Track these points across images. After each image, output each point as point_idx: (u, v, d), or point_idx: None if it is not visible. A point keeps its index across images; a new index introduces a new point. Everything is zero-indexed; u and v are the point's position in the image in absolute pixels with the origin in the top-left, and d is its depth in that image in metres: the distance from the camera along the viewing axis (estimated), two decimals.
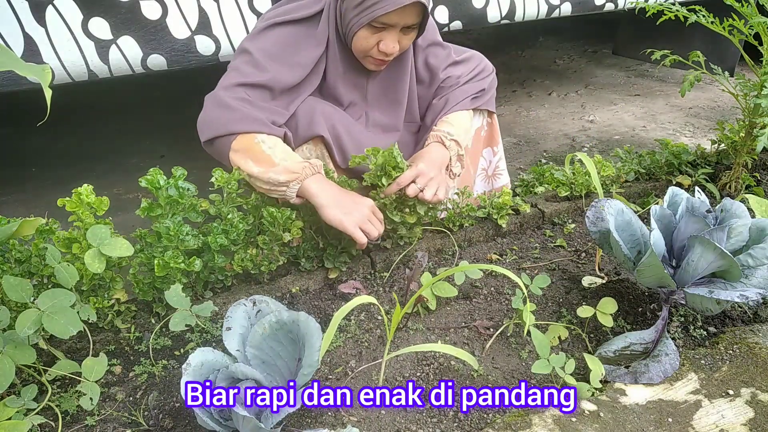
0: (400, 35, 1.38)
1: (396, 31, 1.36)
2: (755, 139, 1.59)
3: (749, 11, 1.59)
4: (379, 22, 1.33)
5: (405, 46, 1.42)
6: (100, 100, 3.49)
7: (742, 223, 1.19)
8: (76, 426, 1.03)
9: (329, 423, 1.03)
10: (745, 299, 1.08)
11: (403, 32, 1.38)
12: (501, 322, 1.29)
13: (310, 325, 0.99)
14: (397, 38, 1.38)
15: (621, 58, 4.11)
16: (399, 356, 1.17)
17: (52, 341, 1.14)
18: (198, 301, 1.28)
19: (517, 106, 3.28)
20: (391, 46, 1.37)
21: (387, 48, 1.37)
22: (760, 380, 1.09)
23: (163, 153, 2.70)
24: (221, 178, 1.31)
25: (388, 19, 1.32)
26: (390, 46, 1.36)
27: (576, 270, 1.48)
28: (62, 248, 1.16)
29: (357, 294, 1.32)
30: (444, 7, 2.15)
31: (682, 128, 2.88)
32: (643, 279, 1.20)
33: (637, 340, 1.17)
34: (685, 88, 1.68)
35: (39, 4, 1.52)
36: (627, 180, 1.86)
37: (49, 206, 1.29)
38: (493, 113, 1.72)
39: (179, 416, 1.05)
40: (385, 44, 1.36)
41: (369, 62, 1.44)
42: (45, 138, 2.94)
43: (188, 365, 0.94)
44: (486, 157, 1.76)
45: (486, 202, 1.63)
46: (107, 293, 1.22)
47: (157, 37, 1.68)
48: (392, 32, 1.36)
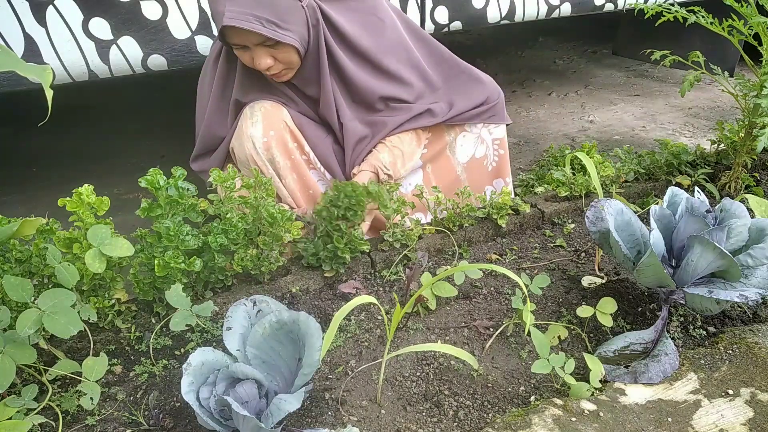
0: (272, 51, 1.36)
1: (259, 48, 1.35)
2: (755, 139, 1.59)
3: (749, 11, 1.59)
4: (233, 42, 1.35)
5: (286, 60, 1.40)
6: (100, 100, 3.49)
7: (742, 223, 1.19)
8: (76, 426, 1.03)
9: (329, 423, 1.03)
10: (745, 299, 1.08)
11: (274, 48, 1.36)
12: (501, 321, 1.29)
13: (311, 324, 0.99)
14: (267, 54, 1.36)
15: (621, 59, 4.12)
16: (399, 356, 1.17)
17: (53, 341, 1.14)
18: (198, 301, 1.28)
19: (517, 106, 3.28)
20: (262, 63, 1.36)
21: (259, 65, 1.37)
22: (759, 380, 1.09)
23: (163, 153, 2.70)
24: (219, 177, 1.32)
25: (232, 40, 1.34)
26: (258, 63, 1.36)
27: (576, 270, 1.48)
28: (63, 248, 1.16)
29: (357, 294, 1.32)
30: (444, 7, 2.16)
31: (681, 128, 2.88)
32: (642, 279, 1.20)
33: (637, 339, 1.17)
34: (684, 88, 1.68)
35: (39, 4, 1.52)
36: (627, 180, 1.87)
37: (49, 206, 1.29)
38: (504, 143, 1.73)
39: (180, 416, 1.05)
40: (257, 62, 1.36)
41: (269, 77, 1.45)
42: (45, 138, 2.94)
43: (189, 365, 0.94)
44: (496, 186, 1.77)
45: (486, 202, 1.63)
46: (108, 293, 1.22)
47: (158, 38, 1.68)
48: (257, 50, 1.35)
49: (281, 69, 1.42)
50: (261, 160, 1.47)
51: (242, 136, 1.46)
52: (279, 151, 1.48)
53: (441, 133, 1.69)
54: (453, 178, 1.68)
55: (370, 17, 1.50)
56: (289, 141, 1.50)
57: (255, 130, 1.45)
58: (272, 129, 1.46)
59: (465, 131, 1.69)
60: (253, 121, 1.45)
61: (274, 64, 1.39)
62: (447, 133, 1.69)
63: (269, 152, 1.46)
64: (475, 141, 1.70)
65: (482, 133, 1.70)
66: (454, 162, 1.70)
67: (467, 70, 1.68)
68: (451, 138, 1.69)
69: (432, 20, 2.16)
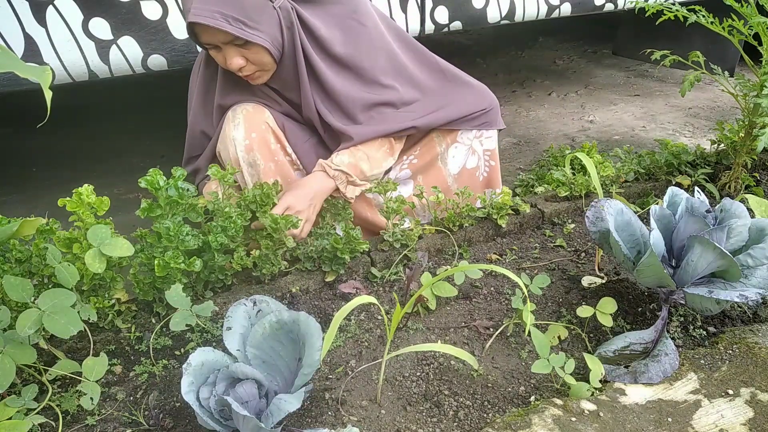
0: (242, 51, 1.35)
1: (229, 48, 1.34)
2: (755, 139, 1.59)
3: (749, 11, 1.59)
4: (204, 41, 1.35)
5: (258, 61, 1.38)
6: (100, 100, 3.49)
7: (742, 223, 1.19)
8: (76, 426, 1.03)
9: (329, 423, 1.03)
10: (745, 299, 1.08)
11: (244, 48, 1.35)
12: (501, 321, 1.29)
13: (311, 324, 0.99)
14: (238, 53, 1.35)
15: (621, 59, 4.12)
16: (399, 356, 1.17)
17: (53, 341, 1.14)
18: (198, 300, 1.28)
19: (517, 106, 3.28)
20: (233, 63, 1.35)
21: (230, 65, 1.36)
22: (759, 380, 1.09)
23: (163, 153, 2.70)
24: (218, 173, 1.32)
25: (202, 39, 1.34)
26: (229, 63, 1.35)
27: (576, 270, 1.48)
28: (62, 248, 1.16)
29: (357, 294, 1.32)
30: (444, 7, 2.16)
31: (681, 128, 2.89)
32: (642, 279, 1.20)
33: (637, 339, 1.17)
34: (684, 88, 1.68)
35: (39, 4, 1.52)
36: (627, 180, 1.87)
37: (49, 206, 1.29)
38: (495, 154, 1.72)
39: (180, 416, 1.05)
40: (228, 62, 1.36)
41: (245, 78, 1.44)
42: (45, 138, 2.94)
43: (189, 365, 0.94)
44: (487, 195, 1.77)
45: (486, 203, 1.63)
46: (108, 293, 1.22)
47: (158, 38, 1.68)
48: (227, 49, 1.34)
49: (254, 70, 1.40)
50: (243, 162, 1.46)
51: (226, 139, 1.47)
52: (261, 153, 1.47)
53: (432, 144, 1.67)
54: (444, 188, 1.66)
55: (349, 21, 1.48)
56: (272, 142, 1.50)
57: (237, 132, 1.45)
58: (254, 131, 1.45)
59: (457, 142, 1.67)
60: (236, 124, 1.45)
61: (246, 64, 1.37)
62: (438, 144, 1.67)
63: (251, 154, 1.46)
64: (466, 152, 1.68)
65: (474, 144, 1.68)
66: (445, 173, 1.68)
67: (461, 76, 1.66)
68: (443, 149, 1.67)
69: (432, 20, 2.16)
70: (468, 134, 1.67)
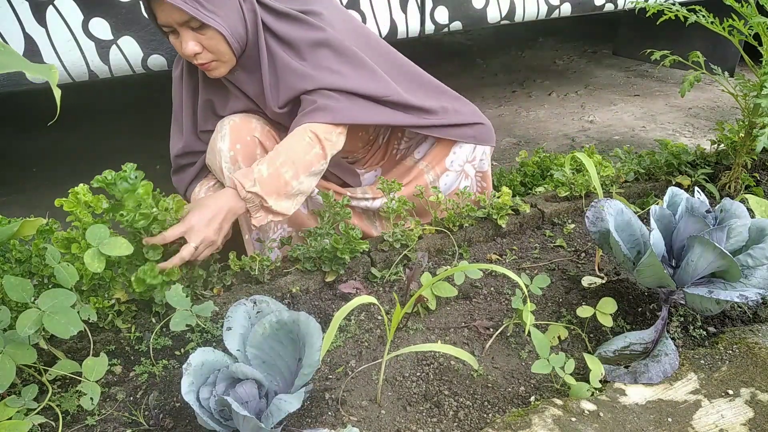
0: (198, 36, 1.31)
1: (185, 31, 1.30)
2: (755, 139, 1.59)
3: (749, 11, 1.59)
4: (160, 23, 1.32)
5: (214, 48, 1.33)
6: (100, 100, 3.49)
7: (742, 223, 1.19)
8: (76, 426, 1.03)
9: (329, 423, 1.03)
10: (745, 299, 1.08)
11: (200, 33, 1.31)
12: (501, 322, 1.29)
13: (311, 325, 0.99)
14: (193, 38, 1.31)
15: (621, 59, 4.12)
16: (399, 356, 1.17)
17: (53, 341, 1.14)
18: (198, 301, 1.28)
19: (517, 106, 3.28)
20: (188, 48, 1.31)
21: (185, 49, 1.32)
22: (759, 380, 1.09)
23: (162, 153, 2.69)
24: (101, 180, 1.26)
25: (159, 20, 1.31)
26: (184, 47, 1.32)
27: (576, 270, 1.48)
28: (61, 248, 1.15)
29: (357, 294, 1.32)
30: (444, 7, 2.15)
31: (681, 128, 2.89)
32: (642, 279, 1.20)
33: (637, 340, 1.17)
34: (684, 88, 1.68)
35: (39, 4, 1.52)
36: (627, 180, 1.87)
37: (49, 206, 1.29)
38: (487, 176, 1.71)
39: (180, 416, 1.05)
40: (183, 46, 1.32)
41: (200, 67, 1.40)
42: (45, 138, 2.94)
43: (189, 365, 0.94)
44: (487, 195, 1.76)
45: (486, 203, 1.63)
46: (107, 293, 1.22)
47: (158, 38, 1.68)
48: (183, 32, 1.31)
49: (210, 59, 1.36)
50: (227, 173, 1.44)
51: (213, 151, 1.46)
52: (245, 165, 1.43)
53: (420, 175, 1.65)
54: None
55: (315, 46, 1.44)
56: (259, 154, 1.47)
57: (223, 144, 1.44)
58: (239, 142, 1.44)
59: (447, 171, 1.65)
60: (222, 135, 1.44)
61: (202, 51, 1.33)
62: (427, 174, 1.65)
63: (236, 166, 1.44)
64: (457, 177, 1.67)
65: (465, 168, 1.67)
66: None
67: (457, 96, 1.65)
68: (431, 179, 1.65)
69: (432, 20, 2.16)
70: (459, 160, 1.65)
